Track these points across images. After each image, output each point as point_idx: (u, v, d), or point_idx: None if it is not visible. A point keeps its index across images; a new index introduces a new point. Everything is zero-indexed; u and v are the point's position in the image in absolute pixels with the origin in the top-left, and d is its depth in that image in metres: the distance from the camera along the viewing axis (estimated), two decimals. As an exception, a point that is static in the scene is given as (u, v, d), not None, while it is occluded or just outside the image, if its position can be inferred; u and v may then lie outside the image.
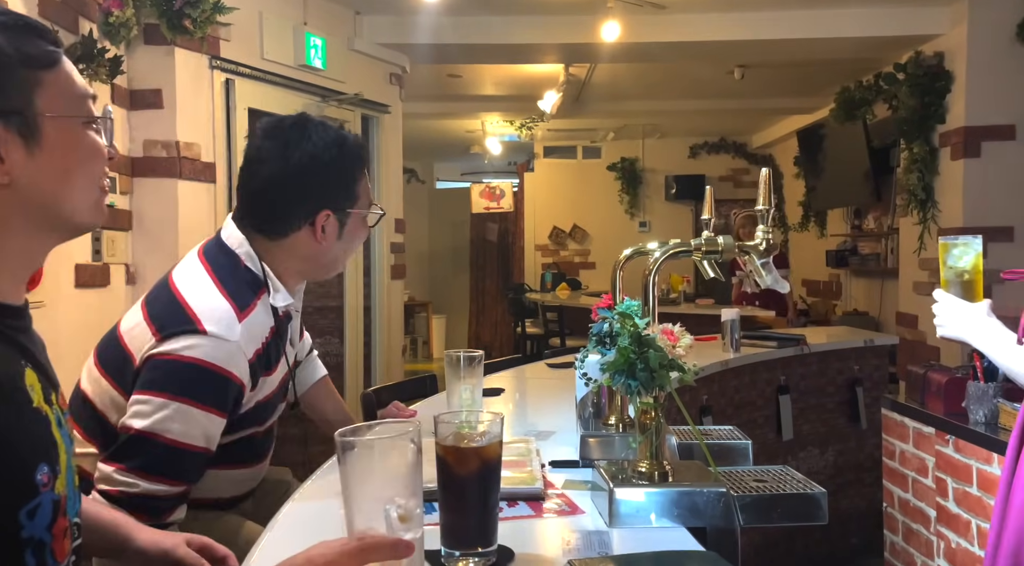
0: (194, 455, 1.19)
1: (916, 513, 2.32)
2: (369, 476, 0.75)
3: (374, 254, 4.31)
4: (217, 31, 3.17)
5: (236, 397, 1.23)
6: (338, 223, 1.32)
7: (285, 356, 1.36)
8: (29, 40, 0.77)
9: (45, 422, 0.80)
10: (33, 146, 0.77)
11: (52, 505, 0.79)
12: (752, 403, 2.94)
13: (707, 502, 1.00)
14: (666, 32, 4.39)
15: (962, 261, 1.23)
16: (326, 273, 1.41)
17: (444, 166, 10.12)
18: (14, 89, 0.76)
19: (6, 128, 0.75)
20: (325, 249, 1.33)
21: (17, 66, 0.76)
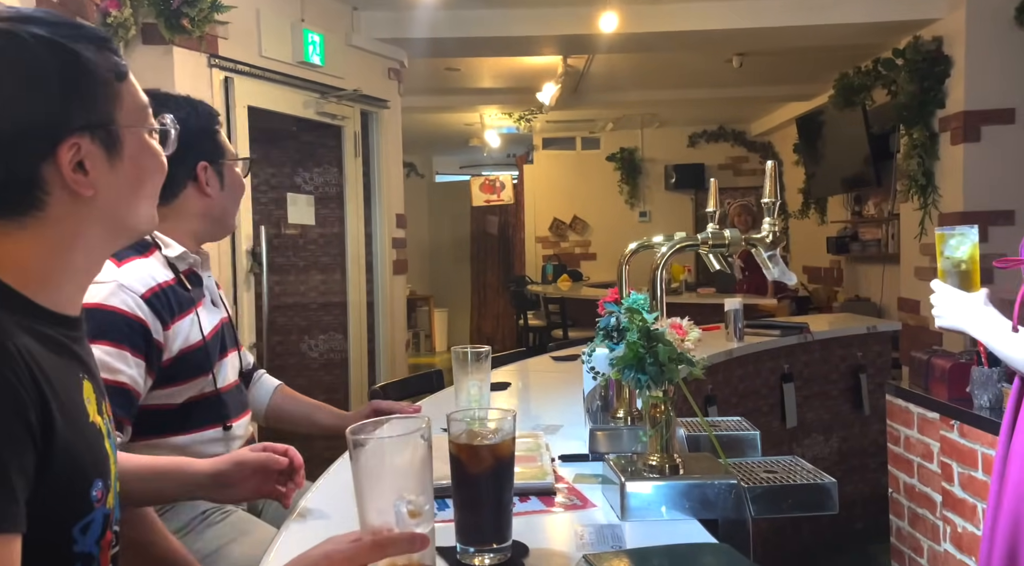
0: (126, 397, 1.23)
1: (921, 498, 2.33)
2: (380, 472, 0.76)
3: (376, 249, 4.32)
4: (215, 30, 3.16)
5: (143, 334, 1.27)
6: (216, 174, 1.44)
7: (205, 307, 1.41)
8: (107, 52, 0.80)
9: (99, 436, 0.81)
10: (114, 158, 0.79)
11: (103, 519, 0.80)
12: (756, 392, 2.96)
13: (718, 494, 1.01)
14: (664, 22, 4.38)
15: (959, 251, 1.24)
16: (220, 229, 1.50)
17: (443, 160, 10.11)
18: (102, 103, 0.78)
19: (92, 141, 0.77)
20: (213, 201, 1.44)
21: (103, 82, 0.78)
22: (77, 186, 0.76)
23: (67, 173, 0.76)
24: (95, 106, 0.78)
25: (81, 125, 0.76)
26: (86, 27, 0.80)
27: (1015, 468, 1.20)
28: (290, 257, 4.11)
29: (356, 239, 4.18)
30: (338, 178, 4.12)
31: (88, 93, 0.77)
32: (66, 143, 0.75)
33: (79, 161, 0.76)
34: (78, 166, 0.76)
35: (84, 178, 0.77)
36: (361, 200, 4.22)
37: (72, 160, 0.76)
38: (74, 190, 0.76)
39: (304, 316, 4.13)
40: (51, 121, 0.75)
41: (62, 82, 0.75)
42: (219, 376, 1.41)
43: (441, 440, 1.25)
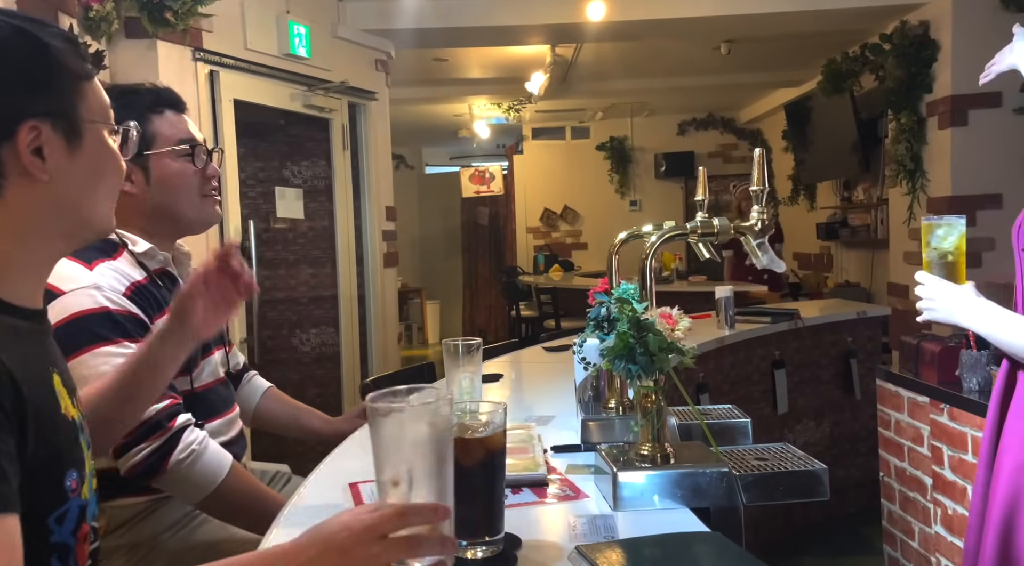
0: None
1: (912, 481, 2.35)
2: (399, 443, 0.75)
3: (366, 243, 4.30)
4: (199, 23, 3.13)
5: (137, 323, 1.26)
6: (139, 168, 1.35)
7: None
8: (75, 53, 0.83)
9: (72, 428, 0.82)
10: (74, 148, 0.82)
11: (78, 510, 0.81)
12: (748, 378, 2.97)
13: (710, 482, 1.01)
14: (651, 9, 4.36)
15: (946, 242, 1.22)
16: (172, 224, 1.41)
17: (433, 151, 10.07)
18: (66, 94, 0.81)
19: (53, 129, 0.79)
20: (140, 198, 1.36)
21: (69, 75, 0.82)
22: (33, 169, 0.78)
23: (24, 156, 0.77)
24: (59, 95, 0.81)
25: (43, 111, 0.79)
26: (58, 27, 0.84)
27: (1010, 455, 1.20)
28: (279, 251, 4.09)
29: (346, 232, 4.16)
30: (327, 171, 4.09)
31: (53, 82, 0.80)
32: (26, 125, 0.77)
33: (38, 146, 0.78)
34: (36, 152, 0.78)
35: (41, 163, 0.79)
36: (350, 193, 4.20)
37: (31, 144, 0.78)
38: (30, 174, 0.78)
39: (295, 310, 4.11)
40: (13, 102, 0.77)
41: (29, 67, 0.78)
42: (197, 376, 1.39)
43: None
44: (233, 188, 3.44)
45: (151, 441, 1.21)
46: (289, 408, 1.68)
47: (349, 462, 1.32)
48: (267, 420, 1.66)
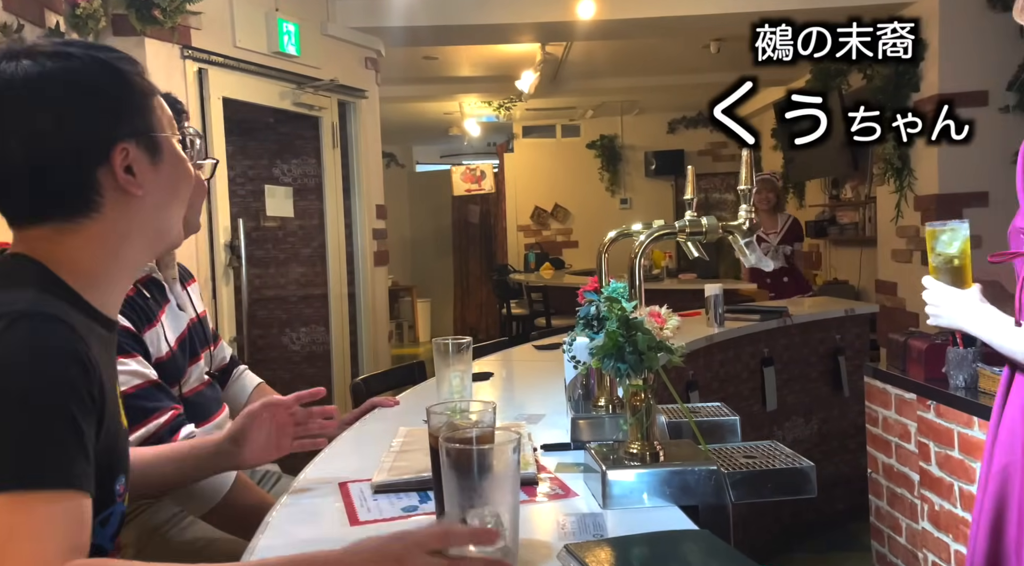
0: (142, 393, 1.23)
1: (900, 478, 2.37)
2: (467, 482, 0.80)
3: (356, 241, 4.30)
4: (188, 20, 3.11)
5: (130, 336, 1.28)
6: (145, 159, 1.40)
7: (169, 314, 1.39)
8: (141, 73, 0.89)
9: (125, 437, 0.90)
10: (156, 161, 0.89)
11: (120, 517, 0.87)
12: (737, 376, 2.98)
13: (698, 480, 1.02)
14: (641, 8, 4.37)
15: (951, 247, 1.22)
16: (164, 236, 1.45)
17: (423, 149, 10.06)
18: (144, 113, 0.88)
19: (138, 147, 0.86)
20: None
21: (142, 95, 0.88)
22: (128, 186, 0.86)
23: (120, 174, 0.85)
24: (139, 116, 0.87)
25: (128, 132, 0.86)
26: (119, 51, 0.90)
27: (999, 453, 1.20)
28: (269, 250, 4.08)
29: (336, 231, 4.16)
30: (316, 169, 4.08)
31: (133, 104, 0.87)
32: (118, 147, 0.85)
33: (127, 165, 0.86)
34: (127, 170, 0.86)
35: (133, 179, 0.86)
36: (340, 191, 4.19)
37: (122, 163, 0.85)
38: (126, 190, 0.86)
39: (285, 309, 4.10)
40: (105, 129, 0.85)
41: (113, 95, 0.86)
42: (185, 382, 1.40)
43: (422, 433, 1.25)
44: (222, 186, 3.43)
45: None
46: None
47: (339, 462, 1.32)
48: None
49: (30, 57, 0.82)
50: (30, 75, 0.81)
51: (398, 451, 1.30)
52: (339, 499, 1.12)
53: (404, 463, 1.22)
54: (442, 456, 0.82)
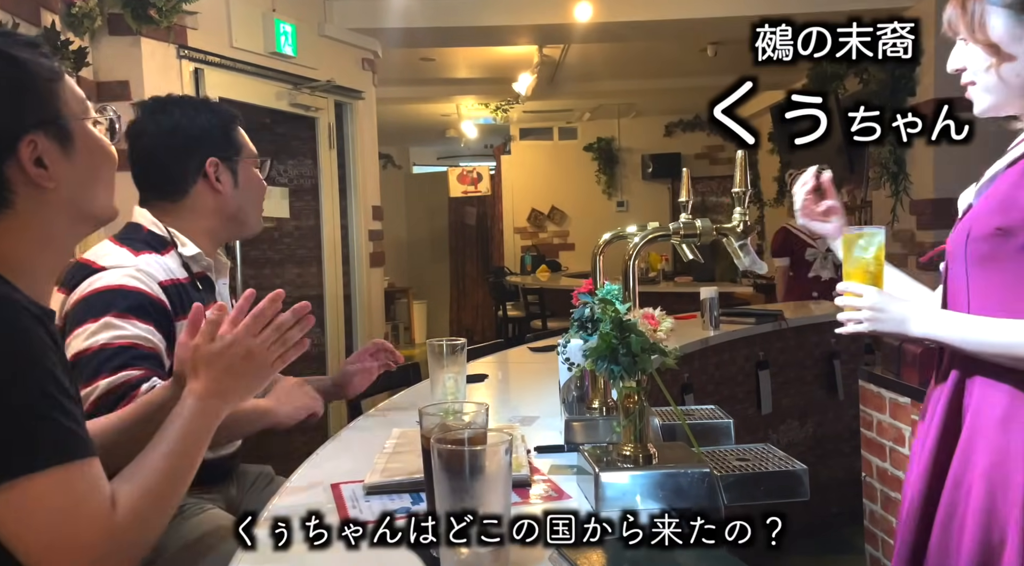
0: (139, 351, 1.24)
1: (894, 481, 2.37)
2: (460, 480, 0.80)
3: (352, 242, 4.29)
4: (184, 20, 3.11)
5: (161, 312, 1.29)
6: (229, 172, 1.44)
7: None
8: (43, 56, 0.86)
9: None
10: (68, 150, 0.86)
11: None
12: (732, 379, 2.98)
13: (691, 483, 1.01)
14: (638, 11, 4.38)
15: (868, 252, 1.20)
16: (239, 229, 1.50)
17: (420, 151, 10.06)
18: (48, 101, 0.84)
19: (47, 137, 0.83)
20: (226, 199, 1.43)
21: (44, 80, 0.84)
22: (40, 180, 0.82)
23: (29, 169, 0.81)
24: (43, 104, 0.84)
25: (34, 123, 0.82)
26: (18, 34, 0.87)
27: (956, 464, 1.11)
28: (265, 250, 4.07)
29: (332, 232, 4.15)
30: (313, 170, 4.08)
31: (35, 93, 0.84)
32: (24, 141, 0.81)
33: (38, 157, 0.82)
34: (37, 162, 0.82)
35: (45, 172, 0.83)
36: (336, 192, 4.18)
37: (31, 156, 0.82)
38: (37, 184, 0.82)
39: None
40: (7, 123, 0.81)
41: (10, 86, 0.82)
42: None
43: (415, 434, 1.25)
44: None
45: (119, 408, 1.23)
46: None
47: (331, 463, 1.32)
48: None
49: None
50: None
51: (391, 452, 1.30)
52: (331, 500, 1.12)
53: (397, 464, 1.21)
54: (434, 457, 0.82)
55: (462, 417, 1.00)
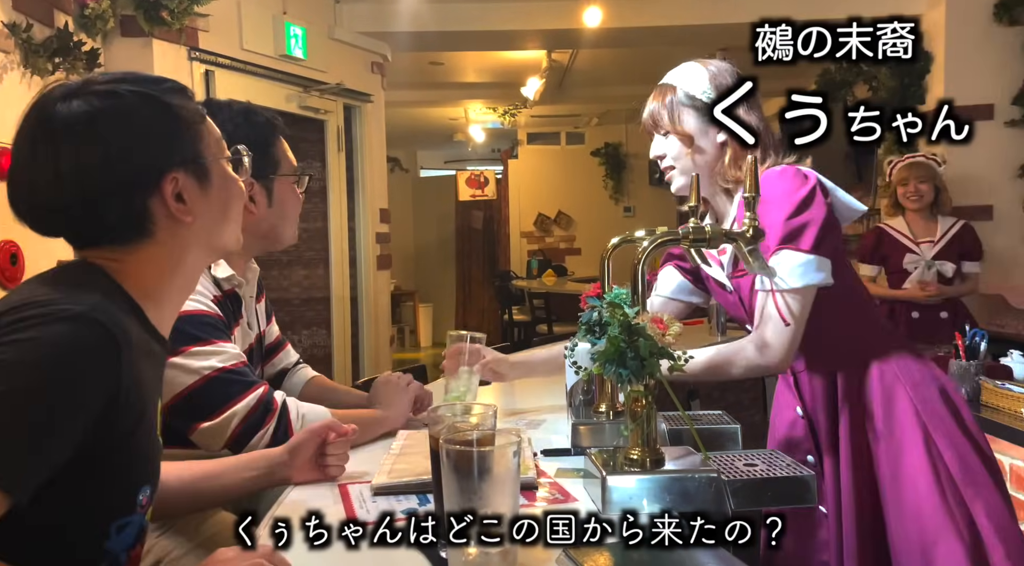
0: (246, 368, 1.27)
1: (901, 490, 2.36)
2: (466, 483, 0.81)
3: (359, 245, 4.30)
4: (195, 22, 3.13)
5: (226, 327, 1.30)
6: (264, 190, 1.39)
7: (240, 329, 1.40)
8: (189, 100, 0.94)
9: (158, 451, 0.92)
10: (205, 187, 0.93)
11: (139, 529, 0.88)
12: (739, 385, 2.98)
13: (698, 487, 1.01)
14: (647, 17, 4.38)
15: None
16: (272, 244, 1.47)
17: (428, 154, 10.08)
18: (191, 141, 0.92)
19: (187, 175, 0.91)
20: (259, 218, 1.39)
21: (188, 123, 0.92)
22: (179, 214, 0.90)
23: (171, 204, 0.89)
24: (186, 145, 0.92)
25: (177, 162, 0.90)
26: (168, 80, 0.95)
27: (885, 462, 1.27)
28: (272, 252, 4.08)
29: (339, 234, 4.16)
30: (321, 172, 4.09)
31: (180, 134, 0.91)
32: (167, 178, 0.89)
33: (178, 193, 0.90)
34: (177, 197, 0.90)
35: (184, 207, 0.91)
36: (344, 195, 4.19)
37: (173, 192, 0.89)
38: (177, 218, 0.90)
39: (287, 311, 4.10)
40: (155, 162, 0.89)
41: (160, 129, 0.90)
42: None
43: (422, 436, 1.25)
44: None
45: (267, 424, 1.25)
46: (331, 393, 1.64)
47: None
48: None
49: (82, 97, 0.87)
50: (79, 116, 0.85)
51: (398, 454, 1.30)
52: (338, 500, 1.12)
53: (404, 465, 1.22)
54: (442, 458, 0.82)
55: (470, 419, 1.00)
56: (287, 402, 1.30)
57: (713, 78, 1.37)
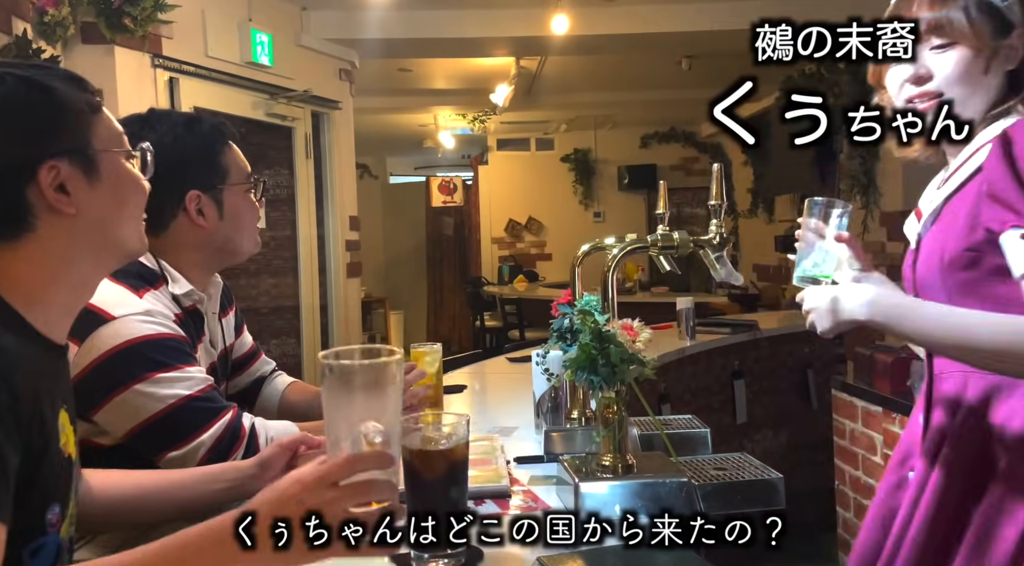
0: (214, 392, 1.23)
1: (866, 489, 2.41)
2: (349, 398, 0.79)
3: (329, 252, 4.27)
4: (159, 29, 3.09)
5: (190, 349, 1.25)
6: (214, 201, 1.32)
7: (203, 348, 1.35)
8: (80, 89, 0.90)
9: (67, 465, 0.85)
10: (93, 180, 0.88)
11: (56, 548, 0.83)
12: (708, 389, 3.01)
13: (670, 492, 1.02)
14: (614, 24, 4.43)
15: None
16: (230, 258, 1.39)
17: (397, 161, 10.04)
18: (77, 131, 0.88)
19: (71, 165, 0.86)
20: (211, 232, 1.32)
21: (76, 112, 0.88)
22: (59, 205, 0.85)
23: (49, 194, 0.84)
24: (70, 133, 0.87)
25: (58, 150, 0.85)
26: (60, 68, 0.92)
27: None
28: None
29: (308, 242, 4.13)
30: (289, 180, 4.06)
31: (63, 122, 0.87)
32: (44, 166, 0.84)
33: (60, 183, 0.85)
34: (60, 188, 0.85)
35: (66, 198, 0.85)
36: (313, 202, 4.16)
37: (52, 182, 0.84)
38: (57, 209, 0.84)
39: (255, 320, 4.05)
40: (30, 148, 0.84)
41: (41, 114, 0.85)
42: None
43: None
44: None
45: (235, 452, 1.22)
46: (312, 397, 1.61)
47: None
48: (293, 416, 1.56)
49: None
50: None
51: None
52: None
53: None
54: (325, 378, 0.80)
55: (442, 428, 1.00)
56: (255, 426, 1.26)
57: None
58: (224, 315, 1.47)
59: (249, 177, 1.38)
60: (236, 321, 1.53)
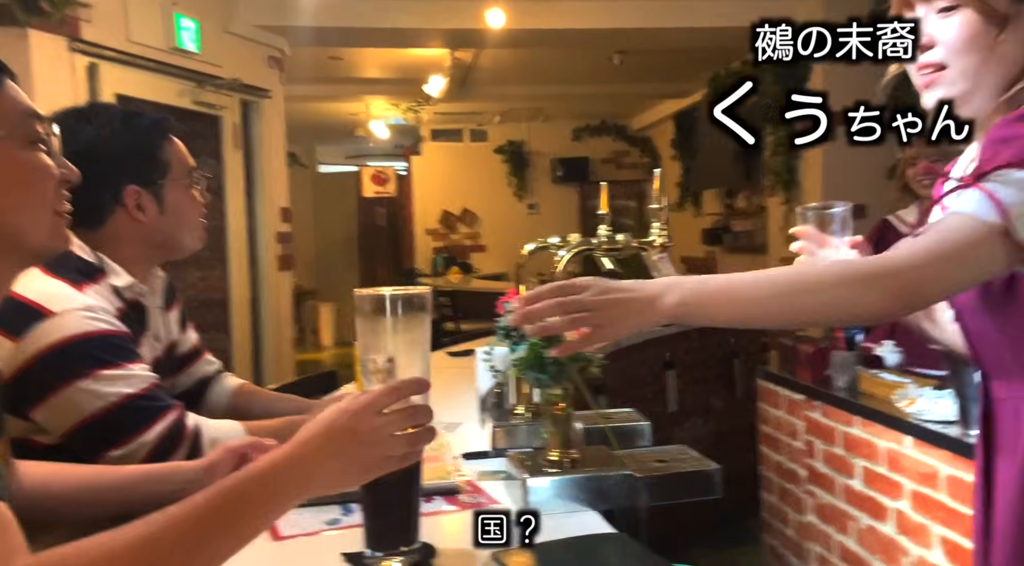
0: (158, 390, 1.20)
1: (789, 474, 2.53)
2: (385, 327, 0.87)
3: (259, 245, 4.17)
4: (77, 11, 2.94)
5: (134, 345, 1.22)
6: (153, 197, 1.30)
7: (146, 343, 1.32)
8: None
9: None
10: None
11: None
12: (642, 380, 3.10)
13: (613, 485, 1.06)
14: (548, 19, 4.47)
15: None
16: (171, 253, 1.37)
17: (327, 149, 9.85)
18: None
19: None
20: (151, 227, 1.30)
21: None
22: None
23: None
24: None
25: None
26: None
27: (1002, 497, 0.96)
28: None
29: (238, 234, 4.02)
30: (217, 170, 3.94)
31: None
32: None
33: None
34: None
35: None
36: (243, 193, 4.06)
37: None
38: None
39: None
40: None
41: None
42: None
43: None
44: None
45: (177, 452, 1.19)
46: (263, 401, 1.57)
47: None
48: (240, 418, 1.58)
49: None
50: None
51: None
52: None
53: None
54: (361, 312, 0.88)
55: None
56: (200, 427, 1.24)
57: None
58: (169, 310, 1.44)
59: (191, 172, 1.36)
60: (182, 316, 1.50)
